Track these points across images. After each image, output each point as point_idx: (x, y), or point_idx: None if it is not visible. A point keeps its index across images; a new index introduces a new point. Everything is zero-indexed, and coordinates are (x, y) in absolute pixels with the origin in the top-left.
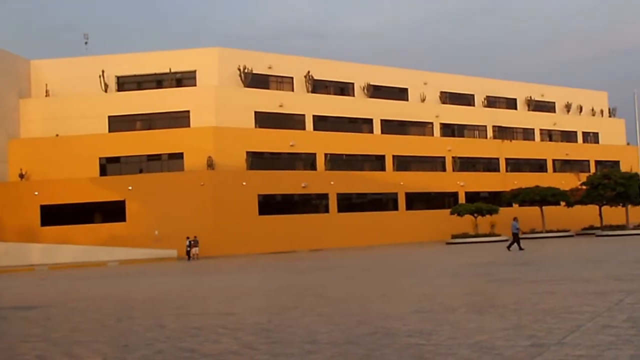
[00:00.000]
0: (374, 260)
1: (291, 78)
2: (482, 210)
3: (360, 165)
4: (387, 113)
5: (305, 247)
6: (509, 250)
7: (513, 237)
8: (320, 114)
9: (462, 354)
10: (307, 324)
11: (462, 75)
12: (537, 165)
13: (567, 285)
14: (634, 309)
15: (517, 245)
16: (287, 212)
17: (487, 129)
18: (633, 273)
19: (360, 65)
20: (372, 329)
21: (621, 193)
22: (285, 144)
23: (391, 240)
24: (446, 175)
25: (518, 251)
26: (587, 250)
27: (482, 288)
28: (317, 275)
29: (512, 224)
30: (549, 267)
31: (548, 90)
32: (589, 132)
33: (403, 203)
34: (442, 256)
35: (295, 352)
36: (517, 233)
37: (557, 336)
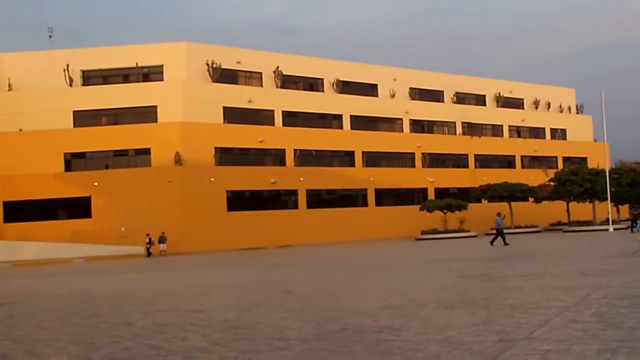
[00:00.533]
0: (343, 256)
1: (260, 73)
2: (452, 206)
3: (330, 161)
4: (357, 109)
5: (274, 243)
6: (493, 245)
7: (497, 232)
8: (290, 110)
9: (431, 350)
10: (276, 321)
11: (431, 71)
12: (505, 161)
13: (535, 281)
14: (601, 304)
15: (502, 240)
16: (256, 208)
17: (456, 125)
18: (599, 268)
19: (330, 61)
20: (342, 325)
21: (588, 189)
22: (254, 140)
23: (361, 236)
24: (415, 171)
25: (503, 246)
26: (555, 246)
27: (451, 284)
28: (286, 272)
29: (495, 219)
30: (518, 262)
31: (517, 86)
32: (557, 129)
33: (372, 199)
34: (412, 252)
35: (264, 348)
36: (500, 228)
37: (525, 331)
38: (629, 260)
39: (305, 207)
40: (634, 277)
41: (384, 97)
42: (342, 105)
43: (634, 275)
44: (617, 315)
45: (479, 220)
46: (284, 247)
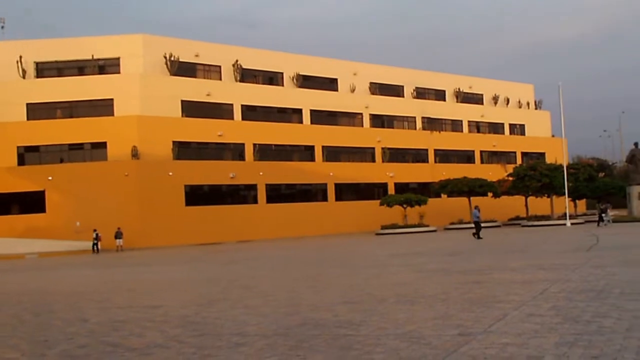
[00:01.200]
0: (303, 251)
1: (219, 67)
2: (411, 201)
3: (290, 155)
4: (317, 103)
5: (233, 238)
6: (479, 238)
7: (475, 225)
8: (249, 104)
9: (391, 344)
10: (235, 316)
11: (391, 66)
12: (465, 156)
13: (494, 275)
14: (558, 297)
15: (476, 233)
16: (215, 202)
17: (416, 120)
18: (557, 262)
19: (290, 54)
20: (301, 320)
21: (546, 184)
22: (213, 134)
23: (321, 231)
24: (376, 166)
25: (476, 239)
26: (514, 240)
27: (411, 278)
28: (245, 267)
29: (473, 212)
30: (477, 257)
31: (476, 82)
32: (516, 124)
33: (332, 194)
34: (371, 247)
35: (223, 344)
36: (477, 222)
37: (484, 325)
38: (586, 254)
39: (265, 202)
40: (590, 271)
41: (344, 92)
42: (302, 99)
43: (590, 269)
44: (574, 309)
45: (438, 215)
46: (243, 242)
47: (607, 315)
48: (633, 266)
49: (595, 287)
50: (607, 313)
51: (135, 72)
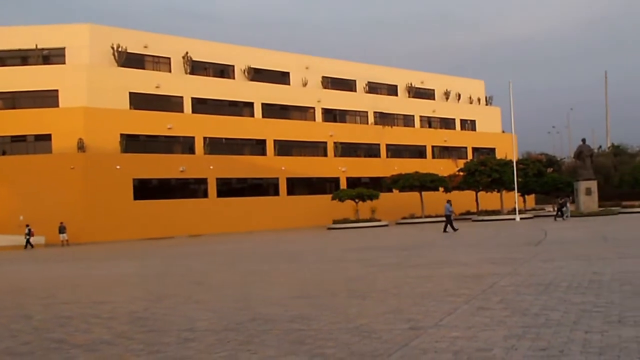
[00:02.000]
0: (254, 245)
1: (168, 58)
2: (363, 195)
3: (241, 149)
4: (269, 97)
5: (183, 232)
6: (446, 232)
7: (446, 219)
8: (199, 97)
9: (342, 339)
10: (185, 312)
11: (343, 60)
12: (416, 151)
13: (445, 269)
14: (507, 291)
15: (450, 226)
16: (164, 197)
17: (368, 114)
18: (507, 257)
19: (241, 47)
20: (252, 315)
21: (496, 179)
22: (162, 127)
23: (272, 226)
24: (328, 161)
25: (453, 232)
26: (464, 235)
27: (362, 273)
28: (195, 262)
29: (445, 206)
30: (428, 251)
31: (428, 77)
32: (467, 120)
33: (284, 188)
34: (323, 241)
35: (172, 340)
36: (449, 215)
37: (435, 319)
38: (535, 248)
39: (216, 196)
40: (539, 265)
41: (296, 85)
42: (253, 92)
43: (539, 263)
44: (522, 302)
45: (390, 210)
46: (194, 236)
47: (555, 308)
48: (580, 260)
49: (543, 281)
50: (555, 306)
51: (81, 62)
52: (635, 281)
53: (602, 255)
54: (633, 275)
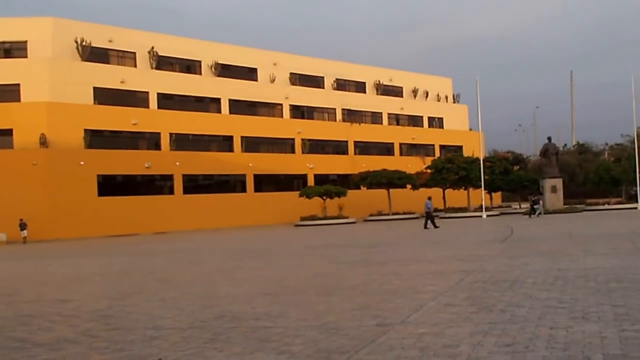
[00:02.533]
0: (221, 242)
1: (134, 53)
2: (331, 192)
3: (208, 145)
4: (236, 93)
5: (148, 229)
6: (426, 228)
7: (427, 216)
8: (165, 92)
9: (309, 336)
10: (150, 309)
11: (312, 57)
12: (384, 148)
13: (412, 266)
14: (474, 288)
15: (431, 223)
16: (129, 193)
17: (336, 111)
18: (473, 254)
19: (208, 42)
20: (219, 313)
21: (463, 177)
22: (128, 122)
23: (239, 223)
24: (295, 157)
25: (433, 229)
26: (431, 232)
27: (330, 270)
28: (161, 259)
29: (425, 203)
30: (395, 248)
31: (396, 75)
32: (434, 117)
33: (251, 185)
34: (291, 238)
35: (137, 338)
36: (430, 212)
37: (402, 315)
38: (501, 245)
39: (182, 193)
40: (504, 262)
41: (264, 82)
42: (220, 88)
43: (504, 260)
44: (488, 299)
45: (357, 207)
46: (159, 233)
47: (520, 304)
48: (545, 257)
49: (509, 278)
50: (520, 302)
51: (43, 56)
52: (599, 278)
53: (567, 252)
54: (597, 272)
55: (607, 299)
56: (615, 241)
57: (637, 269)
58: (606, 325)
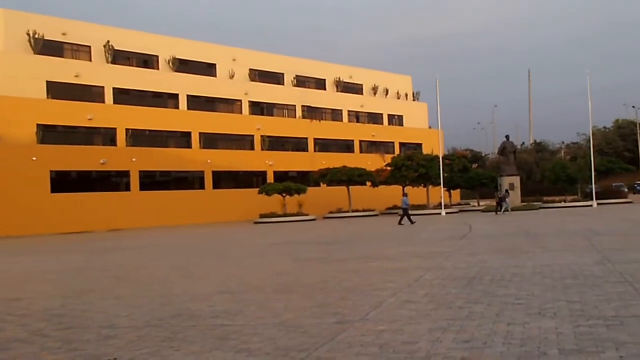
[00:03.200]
0: (178, 240)
1: (89, 47)
2: (291, 189)
3: (165, 141)
4: (194, 89)
5: (104, 227)
6: (401, 224)
7: (403, 212)
8: (122, 87)
9: (268, 334)
10: (105, 308)
11: (272, 53)
12: (345, 145)
13: (372, 264)
14: (433, 285)
15: (408, 219)
16: (84, 190)
17: (296, 108)
18: (432, 251)
19: (166, 37)
20: (176, 311)
21: (423, 174)
22: (83, 118)
23: (198, 220)
24: (255, 154)
25: (410, 225)
26: (391, 229)
27: (289, 268)
28: (116, 257)
29: (402, 199)
30: (355, 246)
31: (356, 72)
32: (394, 115)
33: (210, 182)
34: (250, 236)
35: (91, 338)
36: (407, 208)
37: (361, 313)
38: (460, 243)
39: (138, 190)
40: (463, 259)
41: (223, 78)
42: (178, 84)
43: (463, 257)
44: (447, 296)
45: (318, 204)
46: (115, 231)
47: (479, 301)
48: (503, 254)
49: (468, 275)
50: (479, 299)
51: None
52: (556, 275)
53: (524, 249)
54: (553, 269)
55: (563, 296)
56: (571, 239)
57: (592, 265)
58: (562, 321)
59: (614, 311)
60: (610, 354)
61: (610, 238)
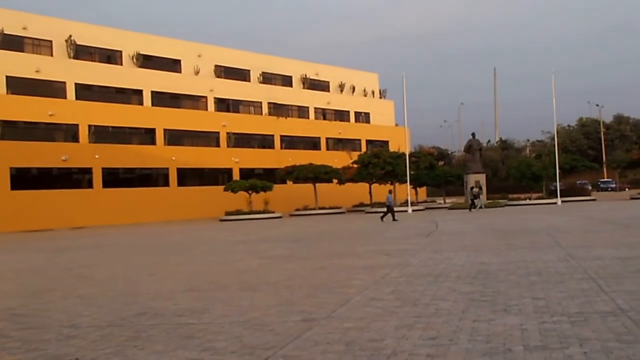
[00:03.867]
0: (142, 237)
1: (50, 42)
2: (257, 187)
3: (129, 138)
4: (159, 85)
5: (66, 225)
6: (382, 220)
7: (387, 209)
8: (84, 82)
9: (233, 332)
10: (66, 307)
11: (237, 49)
12: (311, 143)
13: (338, 261)
14: (399, 282)
15: (391, 216)
16: (45, 187)
17: (262, 105)
18: (399, 248)
19: (130, 32)
20: (140, 310)
21: (389, 172)
22: (44, 113)
23: (162, 217)
24: (220, 151)
25: (391, 222)
26: (357, 227)
27: (254, 265)
28: (79, 255)
29: (387, 196)
30: (321, 243)
31: (323, 69)
32: (361, 112)
33: (175, 179)
34: (215, 233)
35: (52, 337)
36: (390, 205)
37: (327, 310)
38: (426, 240)
39: (101, 187)
40: (429, 256)
41: (188, 74)
42: (142, 80)
43: (429, 254)
44: (413, 293)
45: (284, 202)
46: (77, 229)
47: (445, 298)
48: (468, 251)
49: (434, 272)
50: (445, 296)
51: None
52: (520, 271)
53: (489, 246)
54: (518, 265)
55: (528, 292)
56: (536, 235)
57: (556, 262)
58: (527, 317)
59: (577, 307)
60: (574, 350)
61: (574, 235)
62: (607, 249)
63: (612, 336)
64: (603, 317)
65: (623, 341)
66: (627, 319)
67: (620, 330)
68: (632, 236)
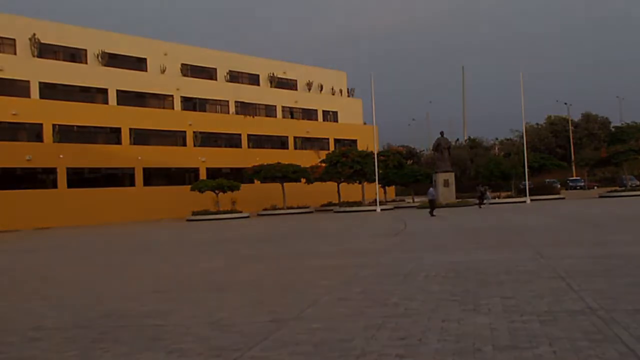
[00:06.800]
0: (108, 238)
1: (13, 40)
2: (224, 186)
3: (94, 137)
4: (124, 83)
5: (29, 225)
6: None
7: (430, 203)
8: (48, 81)
9: (201, 333)
10: (30, 309)
11: (204, 48)
12: (279, 142)
13: (306, 261)
14: (368, 282)
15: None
16: (8, 187)
17: (229, 104)
18: (367, 247)
19: (94, 30)
20: (106, 311)
21: (358, 171)
22: (6, 113)
23: (128, 218)
24: (187, 150)
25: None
26: (325, 226)
27: (222, 265)
28: (42, 256)
29: (429, 190)
30: (289, 243)
31: (290, 67)
32: (329, 111)
33: (141, 178)
34: (182, 233)
35: (16, 340)
36: (432, 199)
37: (296, 310)
38: (395, 239)
39: (66, 187)
40: (398, 255)
41: (154, 72)
42: (107, 78)
43: (398, 253)
44: (382, 293)
45: (251, 201)
46: (42, 229)
47: (414, 298)
48: (437, 250)
49: (403, 271)
50: (414, 296)
51: None
52: (489, 270)
53: (458, 246)
54: (487, 264)
55: (497, 291)
56: (505, 234)
57: (526, 261)
58: (496, 317)
59: (547, 306)
60: (543, 349)
61: (543, 233)
62: (577, 248)
63: (581, 335)
64: (572, 316)
65: (592, 340)
66: (597, 317)
67: (589, 329)
68: (601, 235)
